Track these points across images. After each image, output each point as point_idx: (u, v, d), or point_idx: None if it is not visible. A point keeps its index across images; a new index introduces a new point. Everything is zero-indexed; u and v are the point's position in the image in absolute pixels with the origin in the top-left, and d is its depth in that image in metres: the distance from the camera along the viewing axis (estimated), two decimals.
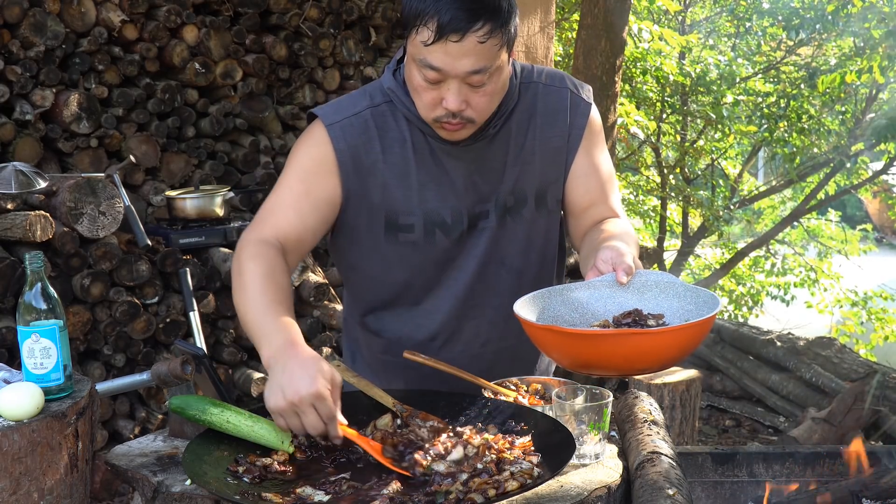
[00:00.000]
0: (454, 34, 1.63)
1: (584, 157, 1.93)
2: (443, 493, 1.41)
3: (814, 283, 8.49)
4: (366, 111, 1.85)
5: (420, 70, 1.69)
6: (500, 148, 1.87)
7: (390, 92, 1.84)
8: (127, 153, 3.80)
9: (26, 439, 1.45)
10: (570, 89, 1.93)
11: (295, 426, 1.54)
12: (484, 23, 1.63)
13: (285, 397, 1.51)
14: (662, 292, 1.70)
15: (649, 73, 7.52)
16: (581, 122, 1.92)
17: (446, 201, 1.86)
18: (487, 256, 1.91)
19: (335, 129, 1.83)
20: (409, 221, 1.86)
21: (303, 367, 1.53)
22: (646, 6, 7.77)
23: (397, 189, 1.84)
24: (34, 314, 1.55)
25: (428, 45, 1.65)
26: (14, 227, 3.18)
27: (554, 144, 1.91)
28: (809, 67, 7.91)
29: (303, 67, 4.35)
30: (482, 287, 1.93)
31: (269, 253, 1.76)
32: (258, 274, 1.72)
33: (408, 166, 1.84)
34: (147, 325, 3.56)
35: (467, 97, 1.70)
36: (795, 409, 5.12)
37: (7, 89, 3.54)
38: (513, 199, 1.90)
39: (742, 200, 8.68)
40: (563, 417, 1.64)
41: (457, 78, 1.68)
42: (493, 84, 1.72)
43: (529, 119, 1.89)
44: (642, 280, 1.71)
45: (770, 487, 2.87)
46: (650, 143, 8.49)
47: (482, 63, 1.66)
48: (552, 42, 5.68)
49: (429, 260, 1.90)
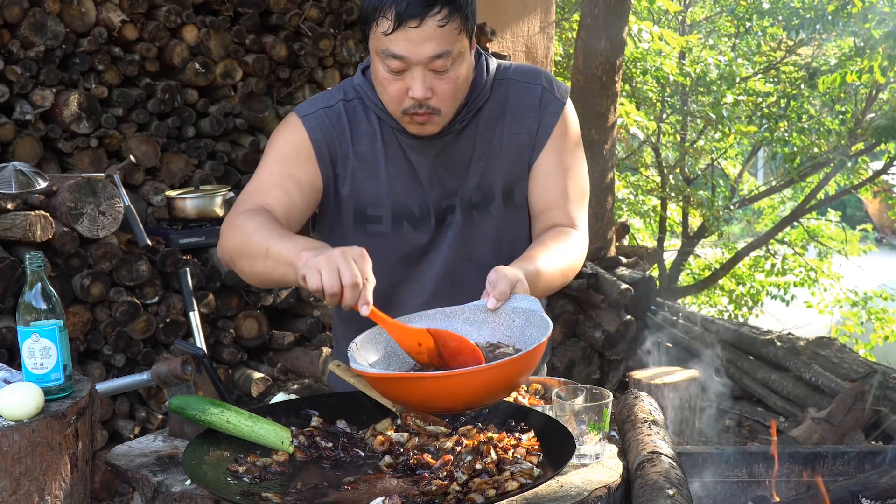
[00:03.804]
0: (413, 20, 1.65)
1: (550, 157, 1.90)
2: (441, 493, 1.41)
3: (814, 283, 8.49)
4: (338, 104, 1.88)
5: (383, 61, 1.72)
6: (467, 143, 1.87)
7: (360, 88, 1.87)
8: (127, 153, 3.80)
9: (26, 439, 1.45)
10: (543, 86, 1.91)
11: (327, 280, 1.48)
12: (441, 7, 1.66)
13: (326, 255, 1.50)
14: (528, 320, 1.61)
15: (649, 73, 7.52)
16: (550, 121, 1.90)
17: (414, 194, 1.87)
18: (455, 252, 1.91)
19: (310, 119, 1.87)
20: (377, 213, 1.88)
21: (336, 248, 1.52)
22: (646, 6, 7.77)
23: (366, 180, 1.87)
24: (34, 314, 1.55)
25: (388, 34, 1.67)
26: (14, 227, 3.18)
27: (521, 140, 1.89)
28: (809, 67, 7.91)
29: (303, 67, 4.35)
30: (451, 283, 1.92)
31: (261, 212, 1.77)
32: (255, 222, 1.72)
33: (377, 159, 1.86)
34: (147, 325, 3.56)
35: (432, 84, 1.72)
36: (795, 409, 5.12)
37: (7, 89, 3.54)
38: (479, 195, 1.90)
39: (742, 200, 8.68)
40: (563, 417, 1.64)
41: (420, 65, 1.69)
42: (457, 70, 1.73)
43: (499, 115, 1.89)
44: (512, 306, 1.63)
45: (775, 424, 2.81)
46: (650, 143, 8.49)
47: (443, 47, 1.68)
48: (552, 42, 5.69)
49: (398, 253, 1.90)
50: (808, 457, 2.97)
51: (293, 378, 3.91)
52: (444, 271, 1.91)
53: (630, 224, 8.54)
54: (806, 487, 2.88)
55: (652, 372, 4.67)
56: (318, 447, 1.61)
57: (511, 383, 1.49)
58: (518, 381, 1.50)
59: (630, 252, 6.50)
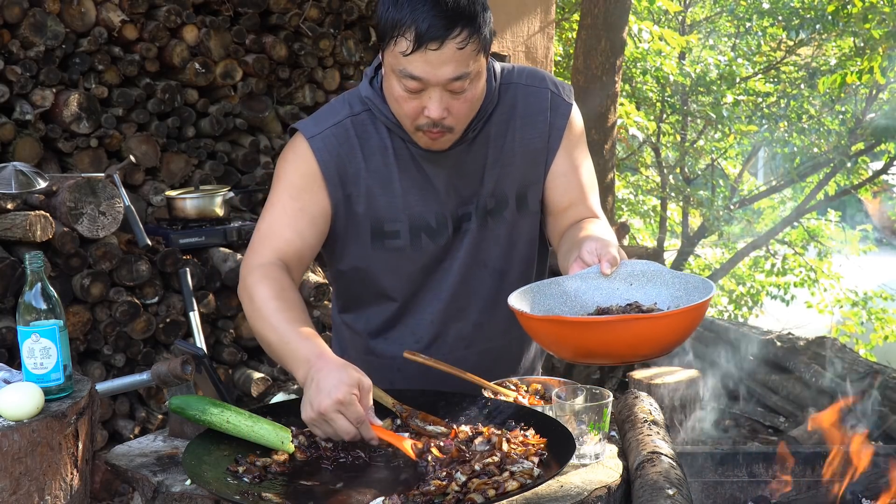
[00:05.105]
0: (433, 42, 1.64)
1: (565, 158, 1.93)
2: (441, 493, 1.41)
3: (814, 283, 8.49)
4: (346, 120, 1.86)
5: (400, 80, 1.70)
6: (480, 151, 1.87)
7: (368, 101, 1.85)
8: (127, 153, 3.80)
9: (26, 439, 1.45)
10: (551, 89, 1.92)
11: (329, 434, 1.57)
12: (461, 29, 1.65)
13: (313, 408, 1.54)
14: (650, 281, 1.70)
15: (649, 73, 7.52)
16: (561, 123, 1.91)
17: (430, 206, 1.86)
18: (470, 259, 1.91)
19: (317, 140, 1.84)
20: (394, 228, 1.87)
21: (328, 378, 1.55)
22: (646, 6, 7.77)
23: (381, 196, 1.85)
24: (34, 314, 1.55)
25: (407, 54, 1.66)
26: (14, 227, 3.18)
27: (534, 146, 1.90)
28: (809, 67, 7.91)
29: (303, 67, 4.35)
30: (465, 290, 1.93)
31: (274, 273, 1.77)
32: (269, 297, 1.73)
33: (390, 173, 1.85)
34: (147, 325, 3.56)
35: (448, 104, 1.71)
36: (795, 409, 5.12)
37: (7, 89, 3.54)
38: (493, 202, 1.90)
39: (742, 200, 8.68)
40: (563, 417, 1.64)
41: (438, 86, 1.68)
42: (473, 90, 1.73)
43: (509, 121, 1.89)
44: (628, 270, 1.71)
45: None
46: (650, 143, 8.49)
47: (462, 69, 1.67)
48: (552, 42, 5.68)
49: (416, 265, 1.90)
50: (808, 457, 2.97)
51: (293, 378, 3.91)
52: (458, 278, 1.92)
53: (630, 224, 8.55)
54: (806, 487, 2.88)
55: (652, 372, 4.67)
56: (318, 447, 1.62)
57: (696, 324, 1.59)
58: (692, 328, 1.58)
59: (630, 252, 6.49)
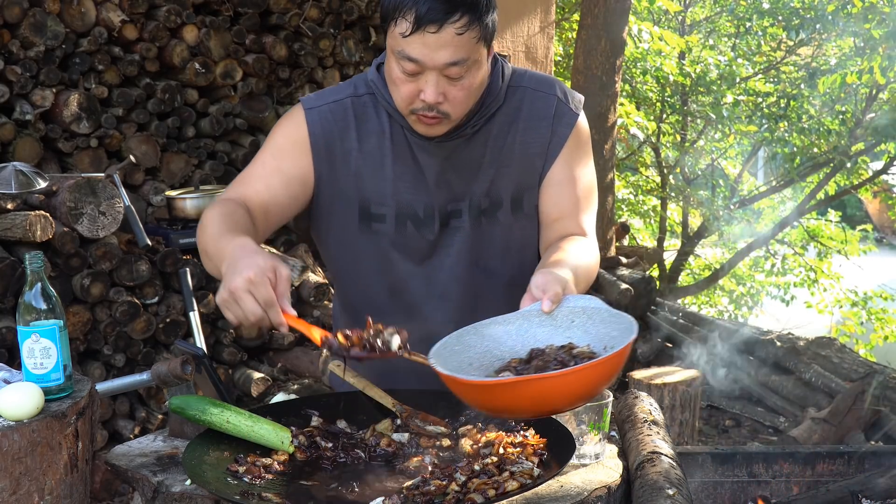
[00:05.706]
0: (431, 25, 1.64)
1: (562, 168, 1.90)
2: (441, 494, 1.41)
3: (814, 283, 8.49)
4: (347, 99, 1.88)
5: (398, 62, 1.71)
6: (478, 148, 1.87)
7: (372, 84, 1.86)
8: (127, 153, 3.80)
9: (26, 439, 1.45)
10: (559, 97, 1.90)
11: (239, 316, 1.53)
12: (461, 14, 1.65)
13: (225, 287, 1.52)
14: (590, 318, 1.59)
15: (649, 73, 7.52)
16: (564, 132, 1.89)
17: (419, 196, 1.86)
18: (464, 257, 1.90)
19: (313, 113, 1.87)
20: (381, 211, 1.88)
21: (243, 259, 1.54)
22: (646, 6, 7.76)
23: (371, 179, 1.86)
24: (34, 314, 1.55)
25: (406, 36, 1.66)
26: (14, 227, 3.18)
27: (533, 150, 1.89)
28: (809, 67, 7.91)
29: (303, 67, 4.35)
30: (461, 288, 1.92)
31: (230, 205, 1.79)
32: (217, 213, 1.75)
33: (384, 157, 1.86)
34: (147, 325, 3.56)
35: (445, 90, 1.71)
36: (795, 409, 5.12)
37: (7, 89, 3.54)
38: (487, 201, 1.89)
39: (742, 200, 8.67)
40: (563, 417, 1.64)
41: (434, 70, 1.69)
42: (471, 78, 1.73)
43: (512, 122, 1.88)
44: (571, 306, 1.60)
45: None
46: (650, 143, 8.49)
47: (460, 55, 1.68)
48: (552, 42, 5.68)
49: (403, 251, 1.90)
50: (808, 457, 2.97)
51: (293, 378, 3.91)
52: (452, 276, 1.91)
53: (630, 224, 8.55)
54: (806, 487, 2.88)
55: (652, 372, 4.67)
56: (318, 447, 1.62)
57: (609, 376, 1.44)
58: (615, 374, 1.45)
59: (630, 252, 6.50)
